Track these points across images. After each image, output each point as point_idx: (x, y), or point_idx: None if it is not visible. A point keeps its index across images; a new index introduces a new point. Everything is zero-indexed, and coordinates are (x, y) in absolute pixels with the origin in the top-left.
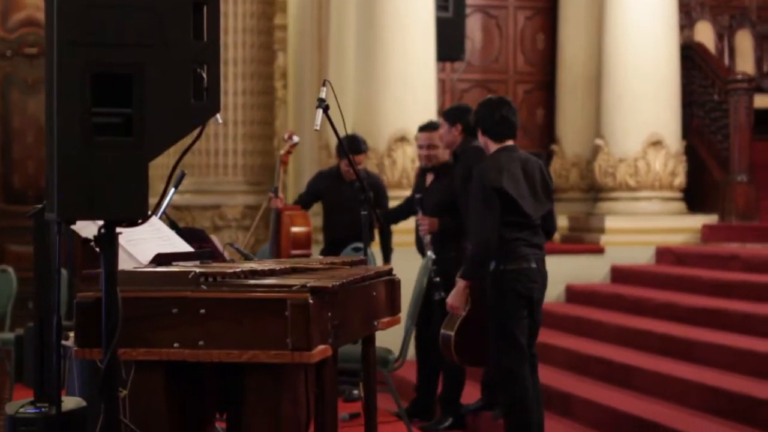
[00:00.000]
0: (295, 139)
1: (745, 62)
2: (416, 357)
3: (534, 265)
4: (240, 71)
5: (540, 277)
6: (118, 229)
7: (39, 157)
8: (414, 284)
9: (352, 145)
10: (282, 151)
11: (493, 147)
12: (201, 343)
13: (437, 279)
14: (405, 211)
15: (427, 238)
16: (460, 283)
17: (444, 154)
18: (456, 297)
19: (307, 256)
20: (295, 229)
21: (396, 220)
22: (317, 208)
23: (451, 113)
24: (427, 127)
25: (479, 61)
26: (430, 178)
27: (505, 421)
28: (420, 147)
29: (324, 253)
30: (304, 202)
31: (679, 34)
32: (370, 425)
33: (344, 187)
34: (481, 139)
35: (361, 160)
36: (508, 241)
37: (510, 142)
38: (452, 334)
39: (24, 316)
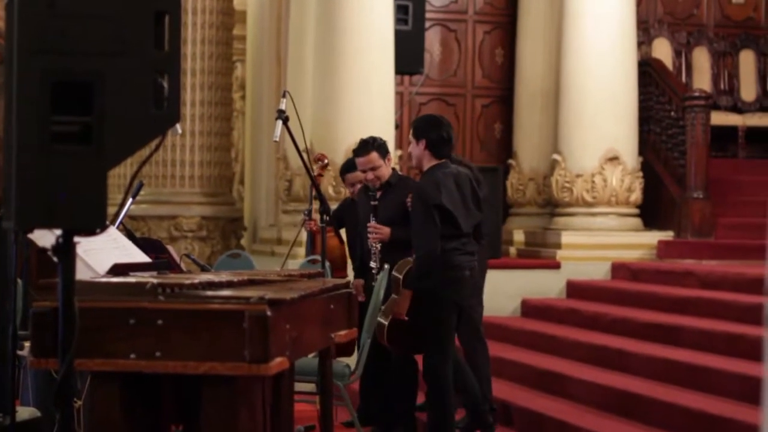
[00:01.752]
0: (326, 161)
1: (703, 79)
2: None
3: (467, 273)
4: (198, 82)
5: (471, 284)
6: (75, 239)
7: None
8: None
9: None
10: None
11: (429, 162)
12: (158, 354)
13: (374, 264)
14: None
15: (377, 247)
16: (406, 292)
17: (388, 169)
18: (401, 304)
19: (343, 276)
20: (329, 254)
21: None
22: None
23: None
24: (362, 151)
25: (438, 74)
26: (379, 193)
27: (428, 416)
28: (363, 172)
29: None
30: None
31: (636, 50)
32: None
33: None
34: (420, 152)
35: (356, 178)
36: (444, 252)
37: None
38: (386, 324)
39: None
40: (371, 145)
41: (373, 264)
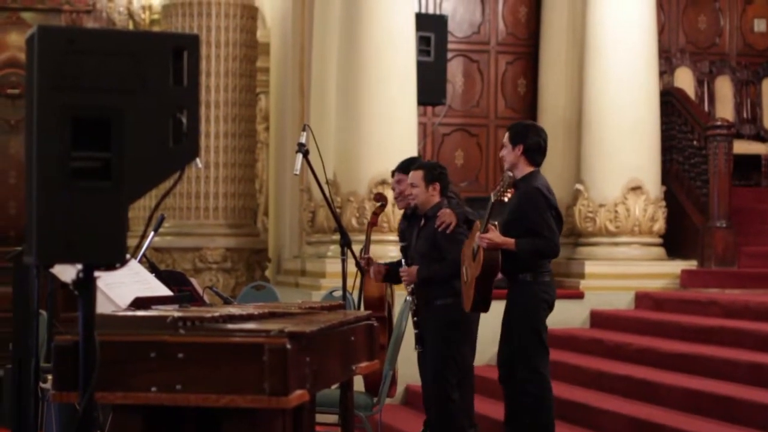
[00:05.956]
0: (385, 201)
1: (725, 108)
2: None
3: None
4: (222, 114)
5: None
6: (96, 273)
7: (21, 198)
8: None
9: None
10: (371, 213)
11: (525, 169)
12: (179, 387)
13: (417, 331)
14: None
15: (410, 288)
16: (510, 242)
17: (429, 197)
18: (499, 242)
19: (381, 317)
20: (366, 294)
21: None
22: None
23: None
24: (411, 166)
25: (460, 105)
26: (422, 222)
27: (532, 420)
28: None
29: None
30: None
31: (659, 79)
32: None
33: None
34: (516, 157)
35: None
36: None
37: None
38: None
39: (3, 358)
40: (425, 166)
41: (408, 298)
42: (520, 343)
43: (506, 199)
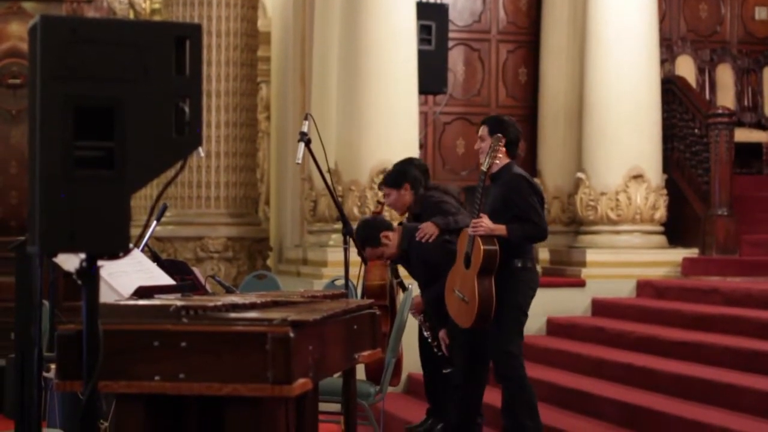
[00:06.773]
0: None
1: (726, 96)
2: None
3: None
4: (223, 103)
5: None
6: (99, 262)
7: (22, 188)
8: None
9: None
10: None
11: (503, 160)
12: (182, 376)
13: (441, 354)
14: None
15: (420, 317)
16: (502, 228)
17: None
18: (492, 228)
19: (383, 305)
20: (368, 283)
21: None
22: None
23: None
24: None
25: (461, 94)
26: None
27: (511, 401)
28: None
29: None
30: None
31: (660, 68)
32: None
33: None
34: (506, 156)
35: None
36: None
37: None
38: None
39: (6, 347)
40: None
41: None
42: (501, 327)
43: (498, 162)
